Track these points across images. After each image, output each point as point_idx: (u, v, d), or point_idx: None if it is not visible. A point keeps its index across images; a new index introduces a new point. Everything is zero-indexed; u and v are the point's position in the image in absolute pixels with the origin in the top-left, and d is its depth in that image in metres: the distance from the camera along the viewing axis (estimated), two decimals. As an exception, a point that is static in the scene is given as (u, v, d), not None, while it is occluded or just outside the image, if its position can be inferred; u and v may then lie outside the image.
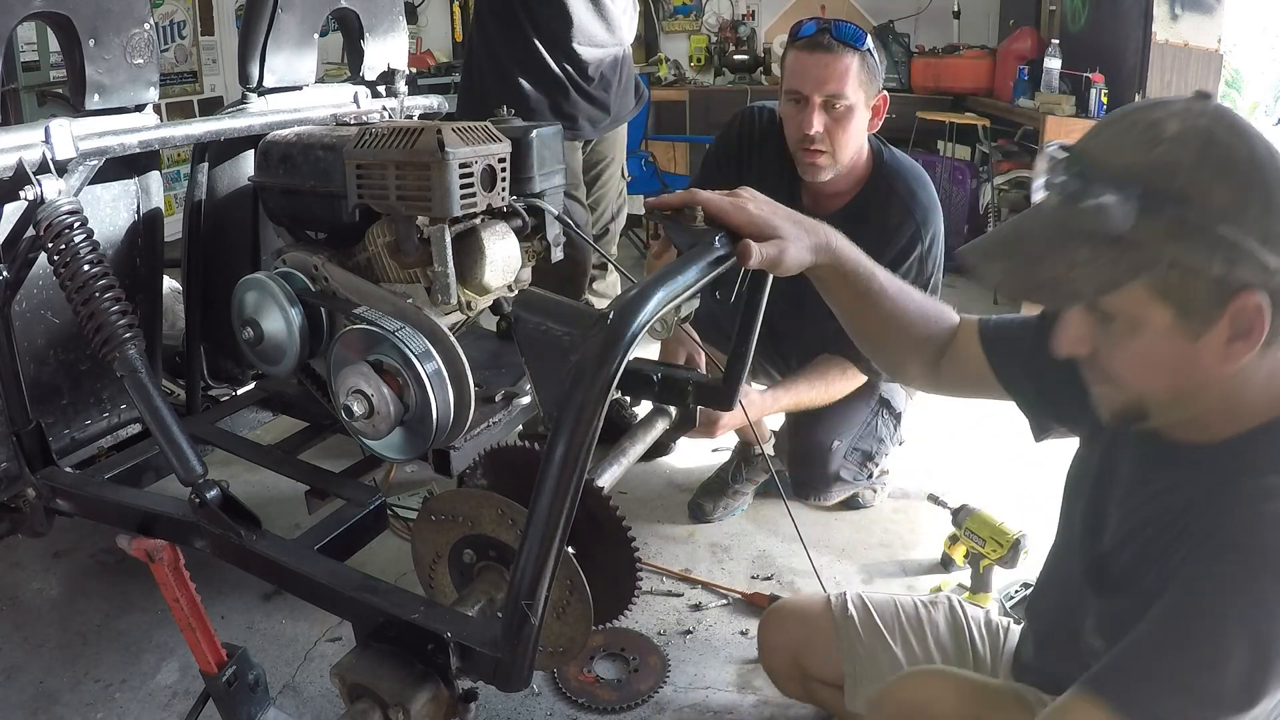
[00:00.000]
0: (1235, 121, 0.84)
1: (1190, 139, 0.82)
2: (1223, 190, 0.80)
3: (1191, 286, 0.82)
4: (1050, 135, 3.70)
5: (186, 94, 5.30)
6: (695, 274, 1.10)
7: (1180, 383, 0.89)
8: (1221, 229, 0.80)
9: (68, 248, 1.35)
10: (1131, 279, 0.84)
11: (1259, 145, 0.83)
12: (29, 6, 1.39)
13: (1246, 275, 0.81)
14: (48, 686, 1.73)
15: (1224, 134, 0.82)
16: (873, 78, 1.86)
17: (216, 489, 1.29)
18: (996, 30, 4.99)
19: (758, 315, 1.45)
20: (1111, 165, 0.84)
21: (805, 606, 1.54)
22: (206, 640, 1.33)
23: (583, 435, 0.93)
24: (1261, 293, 0.82)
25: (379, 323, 1.27)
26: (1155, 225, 0.81)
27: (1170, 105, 0.86)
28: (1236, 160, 0.81)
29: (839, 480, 2.14)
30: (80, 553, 2.14)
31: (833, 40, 1.81)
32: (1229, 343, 0.84)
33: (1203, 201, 0.80)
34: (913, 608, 1.44)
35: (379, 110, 2.02)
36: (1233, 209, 0.80)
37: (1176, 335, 0.85)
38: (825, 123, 1.84)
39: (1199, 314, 0.84)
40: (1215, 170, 0.81)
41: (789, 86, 1.87)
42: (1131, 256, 0.83)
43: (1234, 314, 0.83)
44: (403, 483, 2.42)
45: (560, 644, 1.18)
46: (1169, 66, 3.61)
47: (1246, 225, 0.80)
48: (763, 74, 5.47)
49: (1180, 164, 0.81)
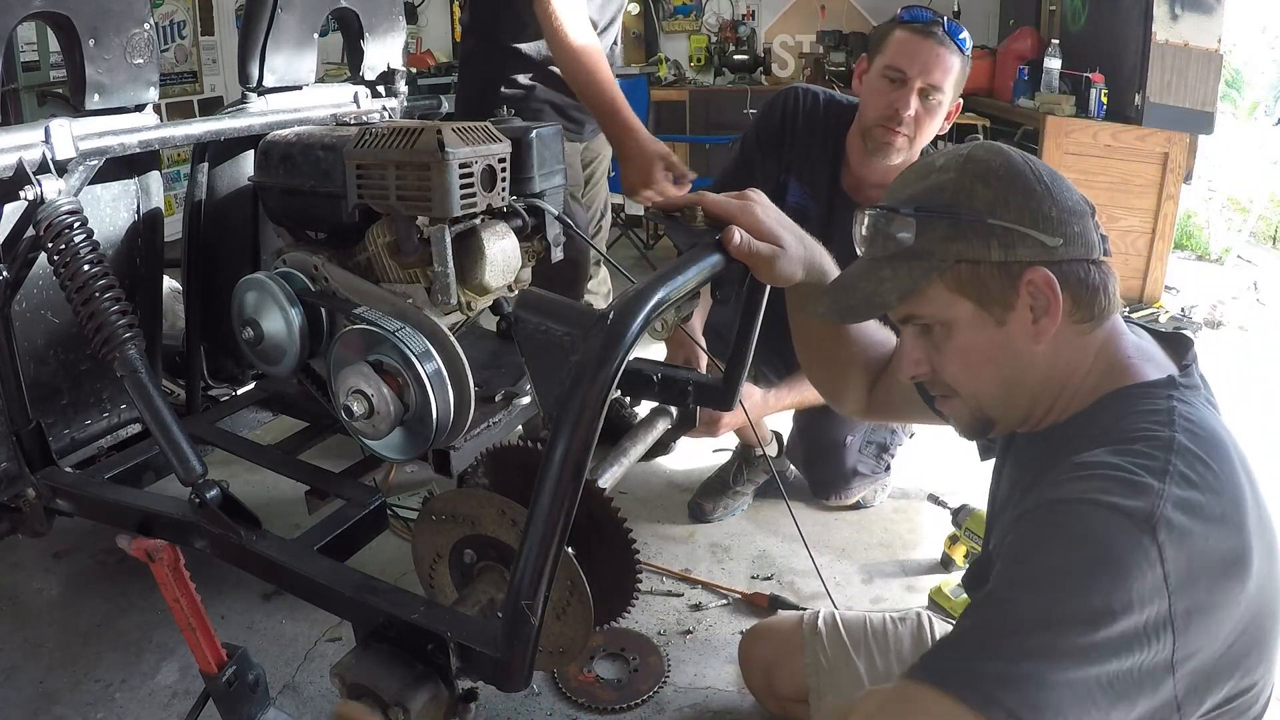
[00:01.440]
0: (992, 145, 1.00)
1: (952, 162, 0.98)
2: (983, 190, 0.95)
3: (980, 274, 0.95)
4: (1050, 135, 3.71)
5: (186, 94, 5.30)
6: (695, 274, 1.10)
7: (1004, 371, 0.99)
8: (991, 220, 0.94)
9: (68, 248, 1.34)
10: (927, 281, 0.96)
11: (1014, 156, 0.97)
12: (29, 6, 1.39)
13: (1026, 254, 0.94)
14: (48, 686, 1.73)
15: (981, 153, 0.98)
16: (962, 84, 1.87)
17: (216, 489, 1.29)
18: (996, 30, 5.00)
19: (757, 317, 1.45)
20: (898, 199, 1.00)
21: (779, 625, 1.59)
22: (206, 640, 1.33)
23: (583, 435, 0.94)
24: (1046, 268, 0.93)
25: (379, 323, 1.26)
26: (935, 232, 0.96)
27: (945, 149, 1.03)
28: (992, 167, 0.96)
29: (857, 474, 2.14)
30: (80, 553, 2.14)
31: (946, 34, 1.81)
32: (1034, 320, 0.95)
33: (969, 203, 0.95)
34: (881, 624, 1.48)
35: (379, 110, 2.02)
36: (998, 203, 0.94)
37: (985, 323, 0.97)
38: (917, 108, 1.84)
39: (996, 298, 0.95)
40: (973, 176, 0.96)
41: (891, 63, 1.84)
42: (923, 263, 0.96)
43: (1028, 292, 0.94)
44: (403, 483, 2.42)
45: (561, 644, 1.18)
46: (1169, 66, 3.61)
47: (1013, 213, 0.94)
48: (763, 74, 5.47)
49: (945, 181, 0.97)
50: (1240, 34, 4.73)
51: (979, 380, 1.01)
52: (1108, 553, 0.81)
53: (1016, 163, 0.97)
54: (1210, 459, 0.88)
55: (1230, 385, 3.19)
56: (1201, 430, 0.90)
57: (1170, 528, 0.82)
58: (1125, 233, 3.80)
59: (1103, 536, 0.82)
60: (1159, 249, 3.82)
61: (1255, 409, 2.97)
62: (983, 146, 1.00)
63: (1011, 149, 0.99)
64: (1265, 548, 0.89)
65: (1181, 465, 0.86)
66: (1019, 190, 0.95)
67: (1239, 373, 3.33)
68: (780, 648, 1.52)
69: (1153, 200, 3.76)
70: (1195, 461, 0.87)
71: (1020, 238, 0.93)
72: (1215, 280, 4.26)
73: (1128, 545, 0.81)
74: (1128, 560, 0.81)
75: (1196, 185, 4.63)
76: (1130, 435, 0.90)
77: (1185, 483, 0.85)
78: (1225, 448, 0.91)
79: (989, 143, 1.01)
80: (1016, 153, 0.98)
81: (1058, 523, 0.86)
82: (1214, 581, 0.84)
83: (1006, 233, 0.94)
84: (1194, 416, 0.92)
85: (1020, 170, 0.96)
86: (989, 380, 1.00)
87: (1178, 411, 0.92)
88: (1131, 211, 3.79)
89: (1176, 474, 0.85)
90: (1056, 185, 0.96)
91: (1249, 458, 0.96)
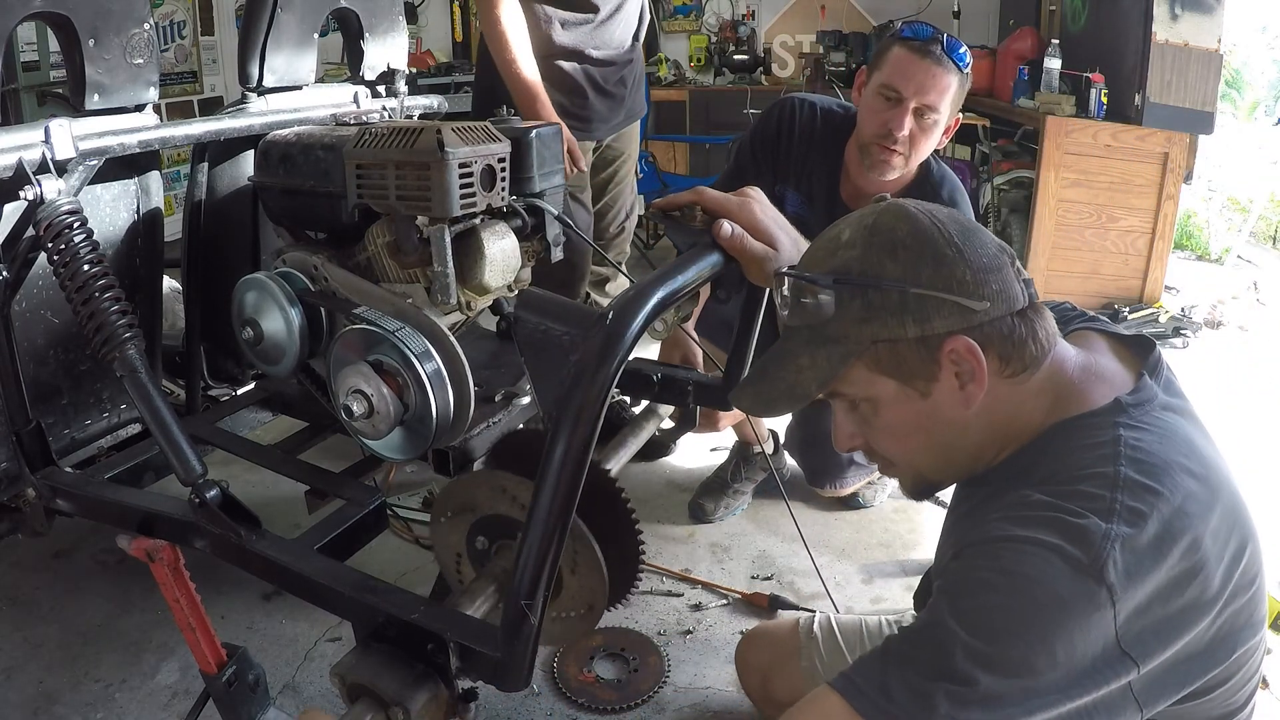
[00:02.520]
0: (899, 208, 0.96)
1: (857, 237, 0.94)
2: (893, 264, 0.92)
3: (899, 352, 0.93)
4: (1050, 135, 3.71)
5: (186, 94, 5.30)
6: (694, 274, 1.10)
7: (937, 439, 0.98)
8: (903, 296, 0.91)
9: (68, 248, 1.34)
10: (845, 365, 0.94)
11: (920, 220, 0.93)
12: (29, 6, 1.39)
13: (943, 325, 0.91)
14: (48, 686, 1.73)
15: (887, 220, 0.94)
16: (960, 101, 1.88)
17: (216, 489, 1.29)
18: (996, 30, 5.00)
19: (757, 316, 1.45)
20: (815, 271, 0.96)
21: (775, 631, 1.59)
22: (206, 640, 1.33)
23: (583, 435, 0.93)
24: (965, 335, 0.91)
25: (379, 323, 1.26)
26: (850, 314, 0.93)
27: (848, 218, 0.99)
28: (898, 237, 0.93)
29: (852, 464, 2.15)
30: (80, 553, 2.14)
31: (944, 54, 1.82)
32: (962, 388, 0.93)
33: (879, 278, 0.92)
34: (877, 626, 1.48)
35: (379, 110, 2.02)
36: (908, 275, 0.91)
37: (909, 398, 0.95)
38: (911, 128, 1.84)
39: (917, 372, 0.93)
40: (881, 250, 0.92)
41: (887, 81, 1.85)
42: (840, 347, 0.94)
43: (951, 361, 0.92)
44: (403, 483, 2.42)
45: (585, 601, 1.19)
46: (1169, 66, 3.61)
47: (925, 282, 0.91)
48: (763, 74, 5.48)
49: (853, 259, 0.93)
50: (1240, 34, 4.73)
51: (912, 451, 1.00)
52: (1051, 600, 0.81)
53: (923, 227, 0.93)
54: (1160, 484, 0.86)
55: (1230, 385, 3.19)
56: (1149, 457, 0.88)
57: (1118, 570, 0.81)
58: (1125, 233, 3.80)
59: (1047, 582, 0.81)
60: (1159, 249, 3.82)
61: (1255, 409, 2.97)
62: (889, 212, 0.96)
63: (918, 211, 0.95)
64: (1227, 540, 0.88)
65: (1129, 500, 0.85)
66: (928, 259, 0.91)
67: (1239, 373, 3.33)
68: (776, 653, 1.52)
69: (1153, 200, 3.76)
70: (1144, 493, 0.85)
71: (936, 307, 0.90)
72: (1215, 280, 4.26)
73: (1074, 592, 0.81)
74: (1073, 608, 0.80)
75: (1196, 185, 4.63)
76: (1074, 475, 0.89)
77: (1134, 517, 0.83)
78: (1171, 469, 0.88)
79: (895, 206, 0.97)
80: (924, 214, 0.94)
81: (1000, 563, 0.85)
82: (1169, 604, 0.83)
83: (921, 305, 0.91)
84: (1141, 443, 0.90)
85: (928, 235, 0.92)
86: (922, 450, 0.99)
87: (1123, 441, 0.90)
88: (1131, 211, 3.79)
89: (1124, 510, 0.84)
90: (969, 244, 0.92)
91: (1217, 451, 0.96)
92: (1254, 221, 4.77)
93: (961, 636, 0.81)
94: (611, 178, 2.64)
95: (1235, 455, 2.61)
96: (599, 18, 2.34)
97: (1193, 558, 0.84)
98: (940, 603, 0.87)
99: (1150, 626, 0.83)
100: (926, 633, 0.86)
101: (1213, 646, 0.89)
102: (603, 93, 2.43)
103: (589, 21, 2.34)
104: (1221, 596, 0.87)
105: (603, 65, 2.40)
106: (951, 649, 0.81)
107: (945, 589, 0.88)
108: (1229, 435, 2.73)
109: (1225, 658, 0.90)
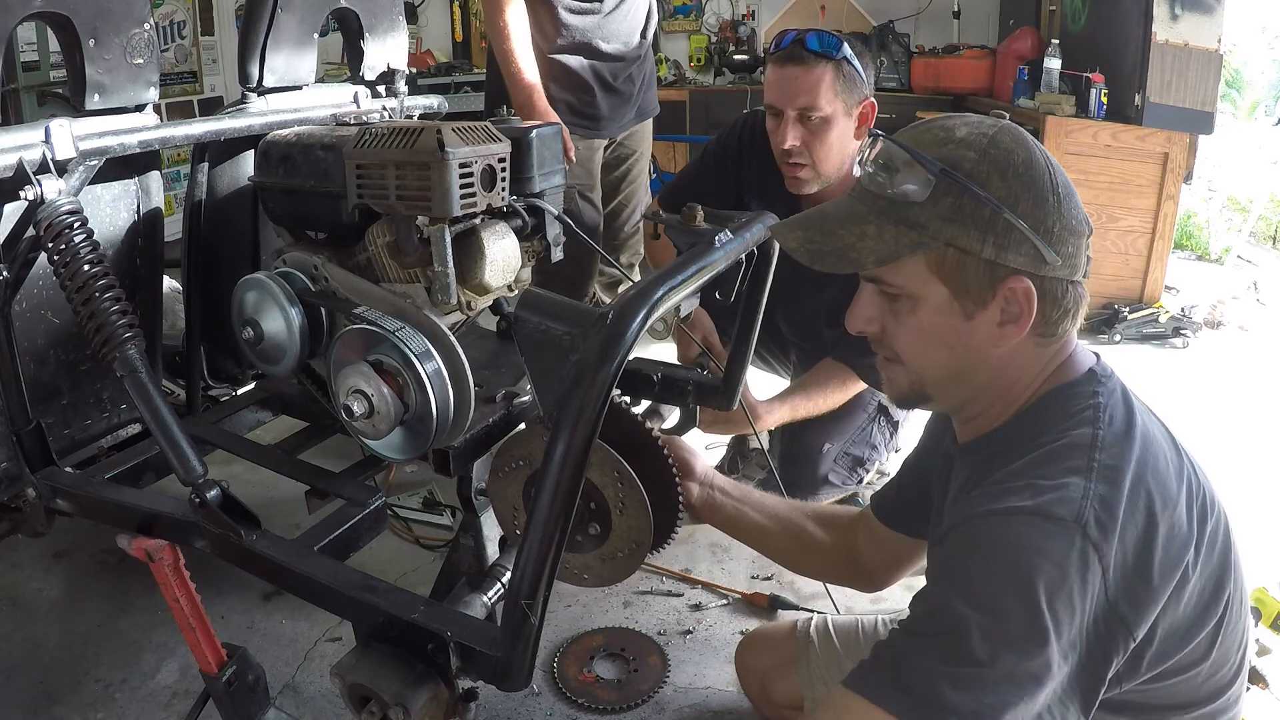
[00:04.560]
0: (1019, 134, 0.95)
1: (976, 140, 0.93)
2: (999, 183, 0.91)
3: (965, 266, 0.92)
4: (1050, 135, 3.71)
5: (186, 94, 5.30)
6: (694, 274, 1.10)
7: (956, 361, 0.98)
8: (995, 216, 0.90)
9: (68, 248, 1.34)
10: (911, 254, 0.93)
11: (1036, 154, 0.93)
12: (29, 6, 1.39)
13: (1016, 262, 0.91)
14: (48, 686, 1.73)
15: (1007, 141, 0.93)
16: (852, 86, 1.84)
17: (216, 489, 1.29)
18: (996, 30, 4.99)
19: (757, 315, 1.45)
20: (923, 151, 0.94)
21: (773, 634, 1.59)
22: (206, 640, 1.33)
23: (583, 434, 0.94)
24: (1030, 280, 0.92)
25: (379, 323, 1.26)
26: (939, 208, 0.92)
27: (965, 117, 0.98)
28: (1014, 161, 0.92)
29: (827, 483, 2.14)
30: (80, 553, 2.14)
31: (805, 52, 1.80)
32: (1000, 325, 0.94)
33: (982, 190, 0.90)
34: (873, 626, 1.48)
35: (379, 110, 2.02)
36: (1008, 200, 0.90)
37: (953, 312, 0.95)
38: (802, 136, 1.84)
39: (972, 293, 0.93)
40: (994, 166, 0.91)
41: (766, 101, 1.88)
42: (913, 234, 0.93)
43: (1004, 297, 0.93)
44: (403, 483, 2.42)
45: (633, 539, 1.20)
46: (1169, 66, 3.61)
47: (1019, 215, 0.90)
48: (762, 74, 5.47)
49: (964, 158, 0.92)
50: (1240, 34, 4.74)
51: (928, 360, 1.00)
52: (1040, 561, 0.81)
53: (1038, 164, 0.93)
54: (1134, 445, 0.89)
55: (1230, 385, 3.19)
56: (1121, 423, 0.92)
57: (1100, 525, 0.82)
58: (1125, 233, 3.80)
59: (1033, 544, 0.82)
60: (1159, 249, 3.82)
61: (1255, 409, 2.97)
62: (1009, 132, 0.95)
63: (1036, 146, 0.95)
64: (1201, 524, 0.91)
65: (1106, 459, 0.87)
66: (1033, 195, 0.91)
67: (1239, 373, 3.33)
68: (775, 657, 1.52)
69: (1153, 200, 3.76)
70: (1120, 453, 0.88)
71: (1019, 241, 0.91)
72: (1215, 280, 4.26)
73: (1060, 550, 0.81)
74: (1063, 564, 0.81)
75: (1196, 185, 4.63)
76: (1056, 441, 0.91)
77: (1112, 474, 0.86)
78: (1143, 433, 0.92)
79: (1017, 131, 0.95)
80: (1040, 152, 0.94)
81: (987, 536, 0.86)
82: (1150, 559, 0.85)
83: (1007, 231, 0.91)
84: (1115, 409, 0.93)
85: (1040, 174, 0.92)
86: (938, 364, 0.99)
87: (1100, 406, 0.93)
88: (1131, 211, 3.78)
89: (1102, 469, 0.86)
90: (1068, 200, 0.93)
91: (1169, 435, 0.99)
92: (1254, 221, 4.77)
93: (972, 616, 0.81)
94: (624, 176, 2.64)
95: (1235, 455, 2.62)
96: (605, 7, 2.34)
97: (1167, 513, 0.87)
98: (938, 588, 0.88)
99: (1138, 582, 0.84)
100: (933, 621, 0.86)
101: (1193, 613, 0.90)
102: (610, 90, 2.43)
103: (596, 12, 2.34)
104: (1192, 554, 0.89)
105: (611, 60, 2.40)
106: (965, 629, 0.81)
107: (939, 574, 0.89)
108: (1229, 435, 2.73)
109: (1199, 631, 0.91)
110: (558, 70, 2.31)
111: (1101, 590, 0.82)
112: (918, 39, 5.05)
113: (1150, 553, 0.85)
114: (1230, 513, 0.99)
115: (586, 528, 1.23)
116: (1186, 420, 2.80)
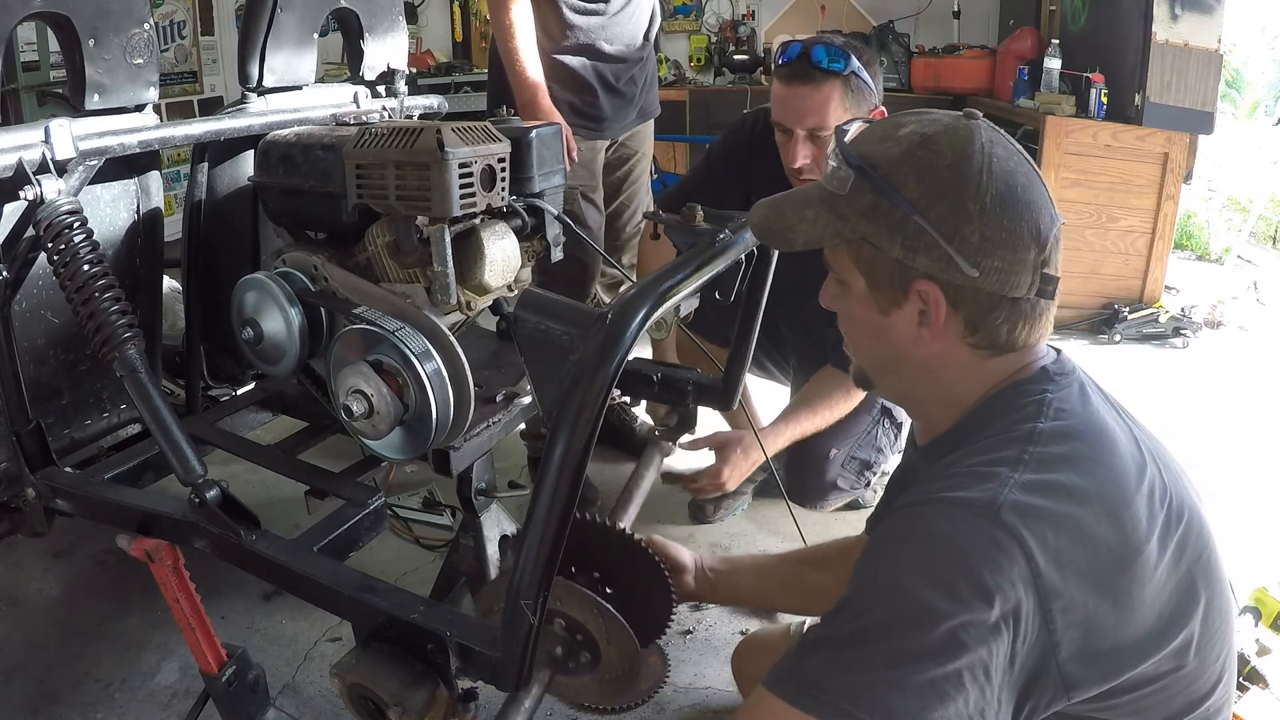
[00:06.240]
0: (966, 141, 0.92)
1: (909, 139, 0.93)
2: (914, 186, 0.91)
3: (877, 262, 0.94)
4: (1050, 135, 3.71)
5: (186, 94, 5.30)
6: (694, 273, 1.10)
7: (882, 353, 1.01)
8: (906, 218, 0.91)
9: (67, 248, 1.34)
10: (834, 241, 0.97)
11: (971, 163, 0.90)
12: (29, 6, 1.39)
13: (926, 266, 0.91)
14: (48, 686, 1.73)
15: (943, 143, 0.92)
16: (862, 98, 1.82)
17: (216, 489, 1.29)
18: (996, 30, 4.99)
19: (757, 315, 1.45)
20: (859, 151, 0.95)
21: (769, 638, 1.59)
22: (206, 640, 1.33)
23: (582, 434, 0.93)
24: (941, 287, 0.92)
25: (379, 323, 1.26)
26: (858, 203, 0.94)
27: (929, 113, 0.97)
28: (937, 165, 0.91)
29: (835, 488, 2.14)
30: (80, 553, 2.14)
31: (812, 69, 1.76)
32: (917, 326, 0.95)
33: (896, 189, 0.91)
34: None
35: (379, 110, 2.02)
36: (919, 203, 0.90)
37: (871, 305, 0.97)
38: (813, 153, 1.82)
39: (884, 290, 0.95)
40: (914, 167, 0.91)
41: (775, 118, 1.85)
42: (839, 224, 0.95)
43: (918, 296, 0.93)
44: (403, 483, 2.42)
45: (626, 662, 1.23)
46: (1169, 66, 3.60)
47: (931, 219, 0.90)
48: (762, 74, 5.47)
49: (886, 157, 0.93)
50: (1240, 34, 4.74)
51: (858, 346, 1.04)
52: (954, 547, 0.82)
53: (967, 171, 0.90)
54: (1078, 437, 0.89)
55: (1230, 385, 3.19)
56: (1068, 417, 0.91)
57: (1018, 509, 0.82)
58: (1125, 233, 3.80)
59: (948, 532, 0.82)
60: (1159, 249, 3.82)
61: (1255, 409, 2.97)
62: (950, 135, 0.92)
63: (979, 152, 0.91)
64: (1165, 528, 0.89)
65: (1040, 449, 0.87)
66: (947, 201, 0.89)
67: (1239, 373, 3.33)
68: (771, 659, 1.51)
69: (1153, 200, 3.76)
70: (1058, 444, 0.88)
71: (928, 246, 0.90)
72: (1215, 280, 4.26)
73: (975, 537, 0.81)
74: (979, 551, 0.81)
75: (1196, 185, 4.63)
76: (995, 438, 0.91)
77: (1041, 466, 0.85)
78: (1092, 425, 0.91)
79: (964, 134, 0.92)
80: (979, 159, 0.90)
81: (905, 525, 0.87)
82: (1090, 552, 0.83)
83: (917, 235, 0.90)
84: (1065, 403, 0.92)
85: (963, 181, 0.89)
86: (866, 352, 1.04)
87: (1047, 401, 0.92)
88: (1131, 211, 3.78)
89: (1033, 460, 0.86)
90: (1000, 212, 0.89)
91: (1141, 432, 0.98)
92: (1254, 221, 4.77)
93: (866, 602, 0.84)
94: (626, 177, 2.64)
95: (1235, 455, 2.62)
96: (610, 9, 2.34)
97: (1109, 509, 0.86)
98: (851, 581, 0.88)
99: (1071, 576, 0.82)
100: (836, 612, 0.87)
101: (1155, 623, 0.87)
102: (613, 91, 2.43)
103: (600, 14, 2.34)
104: (1150, 556, 0.86)
105: (613, 62, 2.40)
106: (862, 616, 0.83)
107: (859, 564, 0.89)
108: (1229, 435, 2.74)
109: (1167, 641, 0.88)
110: (561, 71, 2.31)
111: (1028, 575, 0.80)
112: (918, 39, 5.05)
113: (1085, 546, 0.83)
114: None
115: (577, 656, 1.25)
116: (1186, 420, 2.80)
